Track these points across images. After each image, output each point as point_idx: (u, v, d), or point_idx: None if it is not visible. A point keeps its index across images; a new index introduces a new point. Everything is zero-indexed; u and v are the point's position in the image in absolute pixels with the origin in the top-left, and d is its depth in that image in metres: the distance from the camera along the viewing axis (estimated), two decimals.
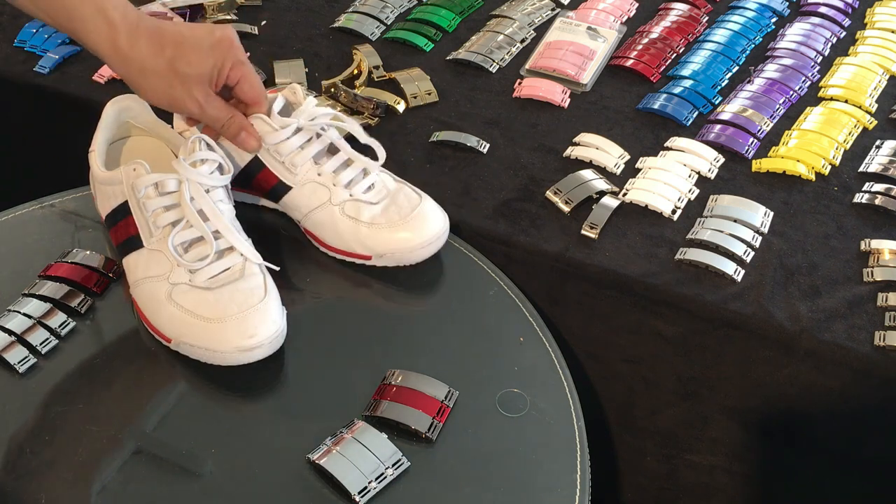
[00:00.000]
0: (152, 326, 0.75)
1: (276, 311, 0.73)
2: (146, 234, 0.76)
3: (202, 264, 0.74)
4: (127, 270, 0.78)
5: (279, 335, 0.73)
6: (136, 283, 0.76)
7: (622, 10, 1.28)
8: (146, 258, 0.75)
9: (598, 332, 0.93)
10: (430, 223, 0.82)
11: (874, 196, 0.97)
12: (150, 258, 0.75)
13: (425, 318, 0.82)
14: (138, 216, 0.76)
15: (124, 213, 0.77)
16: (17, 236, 0.86)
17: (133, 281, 0.77)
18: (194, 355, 0.73)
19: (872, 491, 0.89)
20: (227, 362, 0.72)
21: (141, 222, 0.76)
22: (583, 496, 0.67)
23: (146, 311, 0.76)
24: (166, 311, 0.73)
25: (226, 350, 0.71)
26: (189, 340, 0.73)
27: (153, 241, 0.75)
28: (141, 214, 0.76)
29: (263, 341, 0.72)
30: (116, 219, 0.78)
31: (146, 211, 0.75)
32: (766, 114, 1.08)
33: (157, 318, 0.74)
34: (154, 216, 0.75)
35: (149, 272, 0.75)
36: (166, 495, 0.66)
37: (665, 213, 0.94)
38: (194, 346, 0.73)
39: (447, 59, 1.17)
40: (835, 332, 0.83)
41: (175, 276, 0.74)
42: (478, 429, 0.71)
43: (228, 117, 0.79)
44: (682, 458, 0.96)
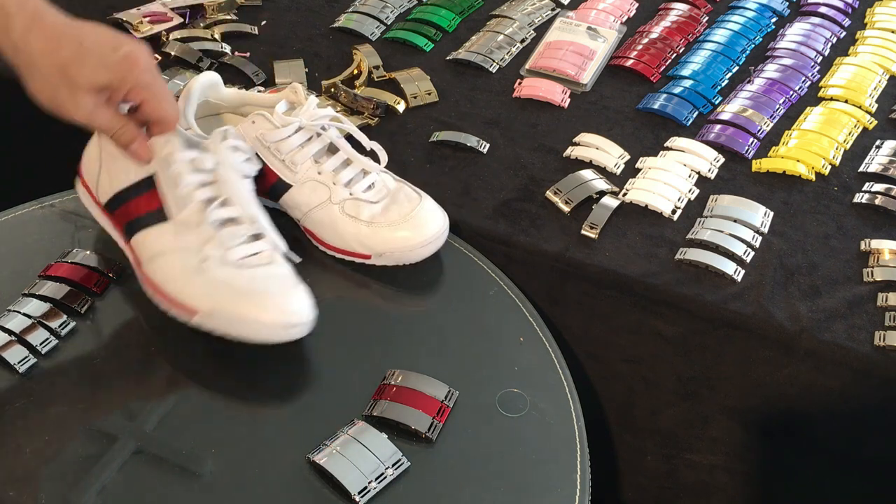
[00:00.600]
0: (174, 300, 0.74)
1: (310, 299, 0.74)
2: (174, 208, 0.75)
3: (238, 240, 0.74)
4: (142, 244, 0.76)
5: (313, 321, 0.74)
6: (158, 254, 0.75)
7: (622, 10, 1.28)
8: (172, 231, 0.74)
9: (598, 332, 0.93)
10: (430, 222, 0.82)
11: (874, 196, 0.97)
12: (177, 231, 0.74)
13: (425, 318, 0.82)
14: (166, 190, 0.75)
15: (148, 186, 0.75)
16: (17, 236, 0.86)
17: (151, 254, 0.75)
18: (224, 329, 0.72)
19: (872, 491, 0.89)
20: (263, 337, 0.72)
21: (168, 196, 0.75)
22: (583, 496, 0.67)
23: (168, 284, 0.74)
24: (199, 281, 0.72)
25: (266, 322, 0.71)
26: (228, 309, 0.71)
27: (183, 215, 0.74)
28: (170, 188, 0.75)
29: (305, 320, 0.72)
30: (139, 191, 0.76)
31: (179, 185, 0.74)
32: (766, 114, 1.08)
33: (186, 289, 0.73)
34: (188, 190, 0.74)
35: (177, 244, 0.74)
36: (166, 495, 0.66)
37: (665, 213, 0.94)
38: (231, 318, 0.71)
39: (447, 59, 1.17)
40: (835, 332, 0.83)
41: (208, 250, 0.73)
42: (478, 429, 0.71)
43: (119, 126, 0.73)
44: (682, 457, 0.96)
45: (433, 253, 0.83)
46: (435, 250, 0.83)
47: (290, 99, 0.84)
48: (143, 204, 0.76)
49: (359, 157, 0.84)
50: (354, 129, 0.85)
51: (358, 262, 0.83)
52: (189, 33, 1.17)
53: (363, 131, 0.87)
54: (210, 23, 1.21)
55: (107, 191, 0.79)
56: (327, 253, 0.84)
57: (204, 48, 1.14)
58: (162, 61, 1.13)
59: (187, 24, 1.20)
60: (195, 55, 1.12)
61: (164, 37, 1.16)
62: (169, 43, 1.14)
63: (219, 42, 1.17)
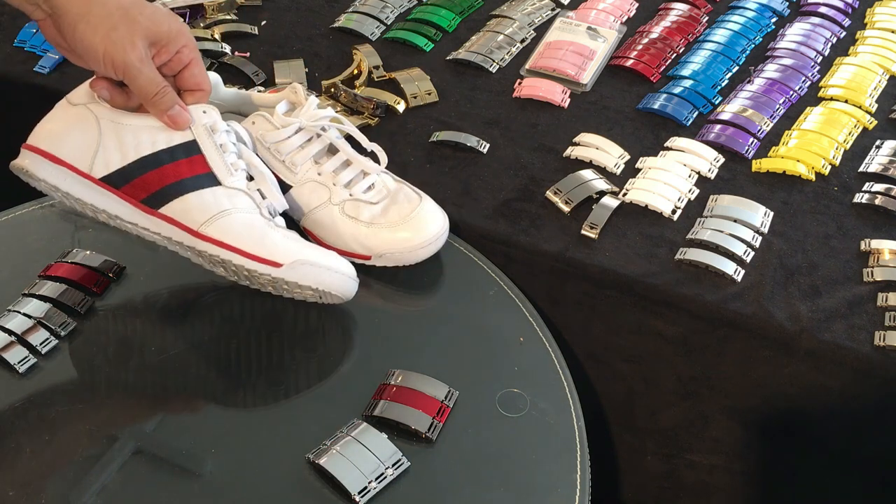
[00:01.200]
0: (255, 255, 0.74)
1: None
2: (225, 174, 0.75)
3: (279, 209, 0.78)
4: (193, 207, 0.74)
5: None
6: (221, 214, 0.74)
7: (622, 10, 1.28)
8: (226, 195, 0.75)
9: (598, 332, 0.93)
10: (430, 223, 0.82)
11: (874, 196, 0.97)
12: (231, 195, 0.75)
13: (425, 318, 0.82)
14: (215, 156, 0.75)
15: (190, 151, 0.74)
16: (17, 236, 0.86)
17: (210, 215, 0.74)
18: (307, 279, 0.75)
19: (872, 490, 0.89)
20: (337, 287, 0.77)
21: (218, 163, 0.75)
22: (583, 496, 0.67)
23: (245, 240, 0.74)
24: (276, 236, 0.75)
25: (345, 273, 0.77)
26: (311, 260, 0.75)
27: (233, 181, 0.75)
28: (219, 155, 0.75)
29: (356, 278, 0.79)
30: (177, 155, 0.74)
31: (227, 153, 0.75)
32: (766, 114, 1.08)
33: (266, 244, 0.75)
34: (234, 159, 0.76)
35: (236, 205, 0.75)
36: (166, 495, 0.66)
37: (665, 213, 0.94)
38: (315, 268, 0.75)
39: (447, 59, 1.17)
40: (835, 332, 0.83)
41: (263, 212, 0.76)
42: (478, 429, 0.71)
43: (163, 86, 0.72)
44: (682, 457, 0.96)
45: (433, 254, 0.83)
46: (435, 251, 0.83)
47: (290, 99, 0.84)
48: (186, 167, 0.74)
49: (359, 158, 0.84)
50: (354, 129, 0.85)
51: (358, 263, 0.83)
52: None
53: (363, 131, 0.87)
54: (210, 23, 1.21)
55: (115, 161, 0.73)
56: None
57: (204, 48, 1.14)
58: None
59: (187, 24, 1.20)
60: None
61: None
62: None
63: (219, 42, 1.17)
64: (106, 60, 0.69)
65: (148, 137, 0.73)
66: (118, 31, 0.68)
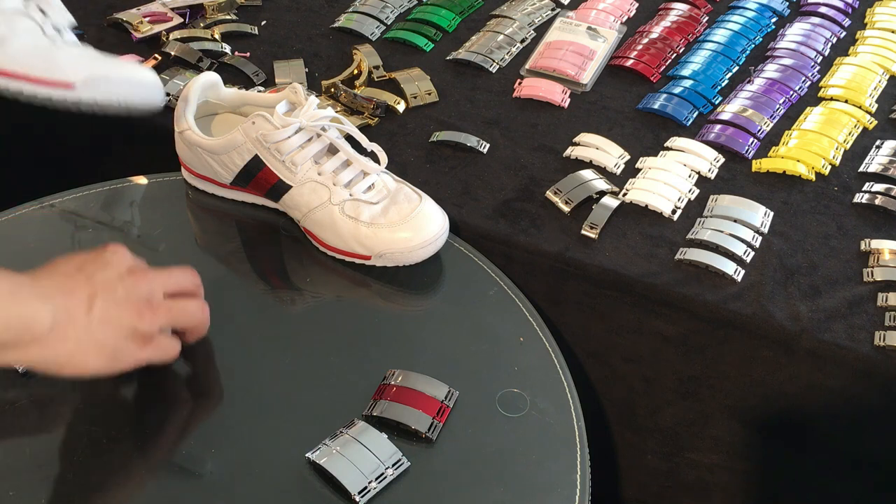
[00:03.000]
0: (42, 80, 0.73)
1: None
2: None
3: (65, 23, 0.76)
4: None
5: None
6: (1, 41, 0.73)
7: (622, 10, 1.28)
8: (5, 19, 0.73)
9: (598, 332, 0.93)
10: (430, 223, 0.82)
11: (874, 196, 0.97)
12: (9, 20, 0.73)
13: (425, 318, 0.82)
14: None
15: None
16: (17, 236, 0.86)
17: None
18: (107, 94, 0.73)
19: (872, 490, 0.89)
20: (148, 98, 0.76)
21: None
22: (583, 496, 0.67)
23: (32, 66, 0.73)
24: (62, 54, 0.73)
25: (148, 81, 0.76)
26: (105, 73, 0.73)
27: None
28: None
29: None
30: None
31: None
32: (766, 114, 1.08)
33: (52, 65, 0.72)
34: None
35: (15, 29, 0.73)
36: (166, 495, 0.66)
37: (665, 213, 0.94)
38: (111, 80, 0.73)
39: (447, 59, 1.17)
40: (835, 332, 0.83)
41: (48, 31, 0.74)
42: (478, 429, 0.71)
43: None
44: (682, 456, 0.96)
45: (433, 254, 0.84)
46: (435, 251, 0.83)
47: (290, 99, 0.84)
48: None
49: (359, 158, 0.84)
50: (355, 129, 0.85)
51: (358, 263, 0.83)
52: (189, 33, 1.17)
53: (363, 131, 0.87)
54: (210, 23, 1.21)
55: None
56: (327, 254, 0.84)
57: (204, 48, 1.14)
58: (162, 61, 1.13)
59: (187, 24, 1.21)
60: (195, 55, 1.12)
61: (164, 37, 1.16)
62: (169, 43, 1.14)
63: (219, 42, 1.17)
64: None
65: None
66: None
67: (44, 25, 0.72)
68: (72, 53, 0.71)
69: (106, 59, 0.72)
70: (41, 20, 0.72)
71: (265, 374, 0.75)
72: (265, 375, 0.75)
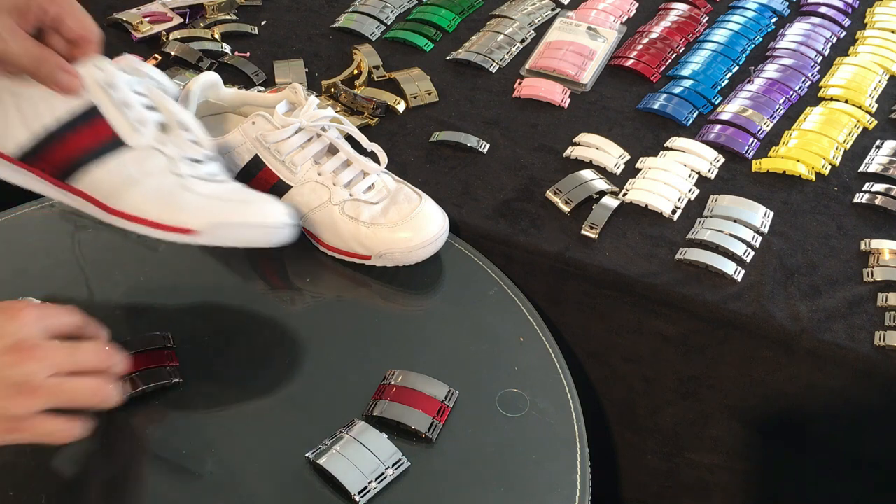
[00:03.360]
0: (165, 225, 0.71)
1: None
2: (132, 133, 0.71)
3: (201, 156, 0.74)
4: (99, 180, 0.71)
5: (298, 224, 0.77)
6: (127, 184, 0.71)
7: (622, 10, 1.28)
8: (134, 158, 0.71)
9: (598, 332, 0.93)
10: (430, 223, 0.82)
11: (874, 196, 0.97)
12: (140, 156, 0.71)
13: (425, 318, 0.82)
14: (117, 115, 0.70)
15: (89, 116, 0.70)
16: (17, 236, 0.86)
17: (116, 186, 0.71)
18: (229, 239, 0.72)
19: (872, 491, 0.89)
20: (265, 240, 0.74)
21: (120, 122, 0.70)
22: (583, 496, 0.67)
23: (153, 211, 0.71)
24: (188, 199, 0.71)
25: (272, 223, 0.73)
26: (228, 219, 0.72)
27: (145, 139, 0.71)
28: (121, 113, 0.70)
29: (295, 220, 0.75)
30: (77, 124, 0.70)
31: (132, 107, 0.71)
32: (766, 114, 1.08)
33: (176, 212, 0.71)
34: (141, 112, 0.71)
35: (145, 168, 0.71)
36: (166, 495, 0.66)
37: (665, 213, 0.94)
38: (233, 226, 0.72)
39: (447, 59, 1.17)
40: (835, 332, 0.83)
41: (180, 169, 0.72)
42: (478, 429, 0.71)
43: (38, 54, 0.66)
44: (682, 456, 0.96)
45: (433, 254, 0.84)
46: (435, 251, 0.83)
47: (290, 99, 0.84)
48: (88, 136, 0.70)
49: (359, 158, 0.84)
50: (355, 129, 0.85)
51: (358, 263, 0.83)
52: (189, 33, 1.17)
53: (363, 131, 0.87)
54: (210, 23, 1.21)
55: (22, 138, 0.70)
56: (327, 254, 0.84)
57: (204, 48, 1.14)
58: (162, 61, 1.13)
59: (187, 24, 1.21)
60: (195, 55, 1.13)
61: (164, 37, 1.17)
62: (169, 43, 1.15)
63: (219, 42, 1.17)
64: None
65: (46, 108, 0.69)
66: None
67: (176, 161, 0.71)
68: (200, 194, 0.71)
69: (231, 204, 0.71)
70: (174, 153, 0.71)
71: (265, 374, 0.75)
72: (265, 375, 0.75)
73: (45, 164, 0.71)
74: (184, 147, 0.72)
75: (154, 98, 0.73)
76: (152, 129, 0.71)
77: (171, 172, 0.71)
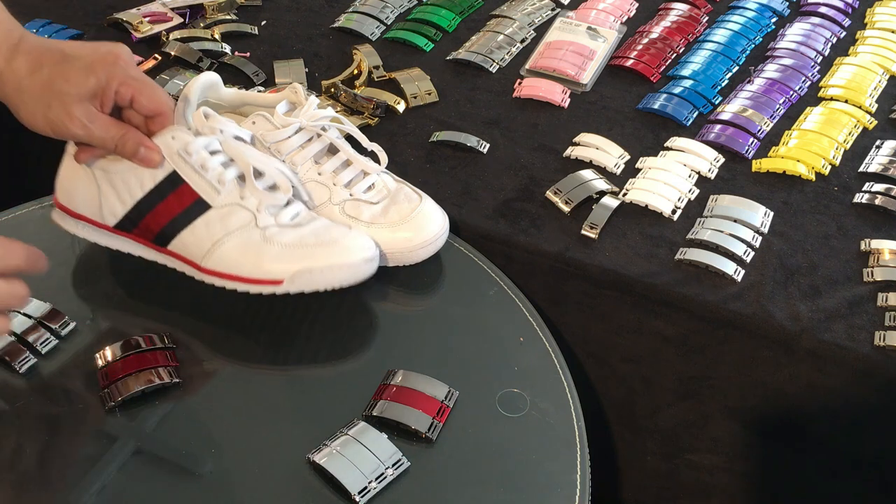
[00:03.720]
0: (254, 279, 0.74)
1: None
2: (213, 194, 0.74)
3: (282, 202, 0.75)
4: (192, 244, 0.75)
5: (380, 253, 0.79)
6: (216, 244, 0.74)
7: (622, 10, 1.28)
8: (218, 217, 0.74)
9: (598, 332, 0.93)
10: (431, 223, 0.82)
11: (874, 196, 0.97)
12: (224, 215, 0.74)
13: (425, 318, 0.82)
14: (197, 179, 0.74)
15: (174, 184, 0.74)
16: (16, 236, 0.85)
17: (208, 248, 0.75)
18: (314, 284, 0.74)
19: (873, 491, 0.89)
20: (351, 279, 0.75)
21: (202, 185, 0.74)
22: (583, 496, 0.67)
23: (243, 267, 0.74)
24: (271, 251, 0.74)
25: (354, 261, 0.75)
26: (310, 265, 0.74)
27: (224, 197, 0.74)
28: (201, 177, 0.74)
29: (377, 251, 0.77)
30: (164, 192, 0.74)
31: (209, 170, 0.74)
32: (766, 114, 1.08)
33: (261, 264, 0.74)
34: (219, 172, 0.74)
35: (229, 226, 0.74)
36: (166, 495, 0.65)
37: (665, 213, 0.94)
38: (315, 270, 0.74)
39: (447, 59, 1.17)
40: (835, 332, 0.83)
41: (262, 221, 0.74)
42: (478, 429, 0.71)
43: (120, 135, 0.72)
44: (682, 457, 0.96)
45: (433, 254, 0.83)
46: (435, 251, 0.83)
47: (290, 99, 0.84)
48: (176, 202, 0.75)
49: (359, 158, 0.84)
50: (355, 129, 0.85)
51: None
52: (189, 33, 1.17)
53: (363, 131, 0.87)
54: (210, 23, 1.21)
55: (118, 210, 0.76)
56: None
57: (204, 48, 1.14)
58: (162, 61, 1.13)
59: (187, 24, 1.21)
60: (195, 55, 1.13)
61: (164, 37, 1.17)
62: (169, 43, 1.15)
63: (219, 42, 1.17)
64: (59, 136, 0.71)
65: (135, 180, 0.75)
66: (53, 110, 0.69)
67: (257, 213, 0.74)
68: (283, 244, 0.74)
69: (318, 243, 0.74)
70: (254, 205, 0.74)
71: (265, 374, 0.75)
72: (265, 375, 0.75)
73: (141, 232, 0.77)
74: (263, 197, 0.75)
75: (229, 151, 0.75)
76: (231, 185, 0.75)
77: (254, 226, 0.74)
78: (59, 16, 1.21)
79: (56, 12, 1.21)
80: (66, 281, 0.81)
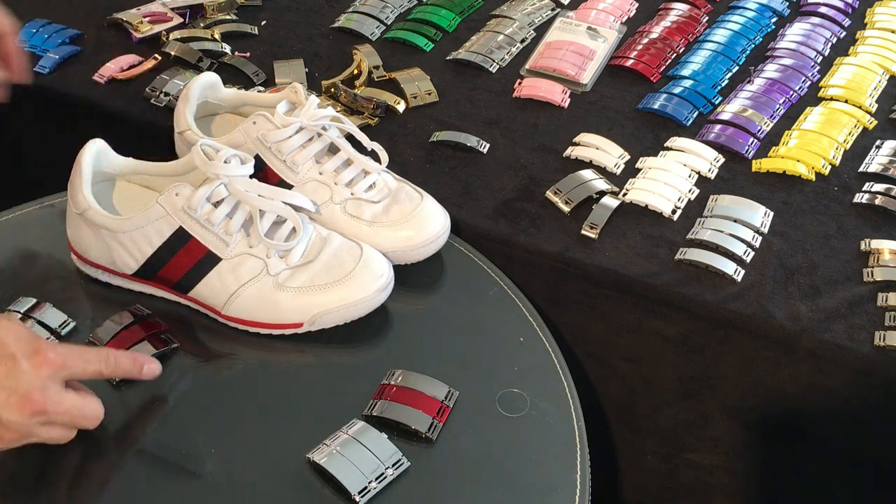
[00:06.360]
0: (274, 324, 0.76)
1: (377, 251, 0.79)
2: (220, 247, 0.75)
3: (289, 240, 0.76)
4: (210, 293, 0.76)
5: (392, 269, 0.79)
6: (233, 295, 0.75)
7: (622, 10, 1.28)
8: (230, 268, 0.75)
9: (598, 332, 0.93)
10: (432, 222, 0.82)
11: (874, 196, 0.97)
12: (235, 265, 0.75)
13: (425, 318, 0.82)
14: (204, 234, 0.74)
15: (183, 240, 0.75)
16: (17, 236, 0.86)
17: (226, 297, 0.76)
18: (332, 321, 0.76)
19: (873, 491, 0.89)
20: (368, 309, 0.76)
21: (209, 238, 0.75)
22: (583, 496, 0.67)
23: (261, 313, 0.76)
24: (286, 296, 0.75)
25: (368, 295, 0.75)
26: (326, 307, 0.75)
27: (233, 249, 0.75)
28: (206, 231, 0.74)
29: (390, 272, 0.78)
30: (175, 248, 0.75)
31: (214, 224, 0.74)
32: (766, 114, 1.08)
33: (278, 313, 0.75)
34: (224, 225, 0.74)
35: (243, 276, 0.75)
36: (166, 495, 0.66)
37: (665, 213, 0.94)
38: (332, 311, 0.75)
39: (447, 59, 1.17)
40: (835, 332, 0.83)
41: (273, 268, 0.75)
42: (478, 429, 0.71)
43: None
44: (682, 457, 0.96)
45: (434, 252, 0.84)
46: (436, 250, 0.83)
47: (290, 99, 0.84)
48: (186, 257, 0.76)
49: (360, 157, 0.84)
50: (355, 129, 0.85)
51: None
52: (189, 33, 1.17)
53: (363, 131, 0.87)
54: (210, 23, 1.21)
55: (132, 262, 0.77)
56: None
57: (204, 48, 1.14)
58: (162, 61, 1.13)
59: (187, 24, 1.21)
60: (195, 55, 1.13)
61: (164, 37, 1.16)
62: (169, 43, 1.15)
63: (219, 42, 1.17)
64: None
65: (143, 239, 0.76)
66: None
67: (267, 261, 0.75)
68: (296, 289, 0.75)
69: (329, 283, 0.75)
70: (263, 252, 0.75)
71: (265, 374, 0.75)
72: (265, 375, 0.75)
73: (160, 281, 0.78)
74: (271, 244, 0.75)
75: (235, 194, 0.75)
76: (239, 236, 0.75)
77: (265, 274, 0.75)
78: (59, 16, 1.21)
79: (56, 12, 1.21)
80: (67, 281, 0.81)
